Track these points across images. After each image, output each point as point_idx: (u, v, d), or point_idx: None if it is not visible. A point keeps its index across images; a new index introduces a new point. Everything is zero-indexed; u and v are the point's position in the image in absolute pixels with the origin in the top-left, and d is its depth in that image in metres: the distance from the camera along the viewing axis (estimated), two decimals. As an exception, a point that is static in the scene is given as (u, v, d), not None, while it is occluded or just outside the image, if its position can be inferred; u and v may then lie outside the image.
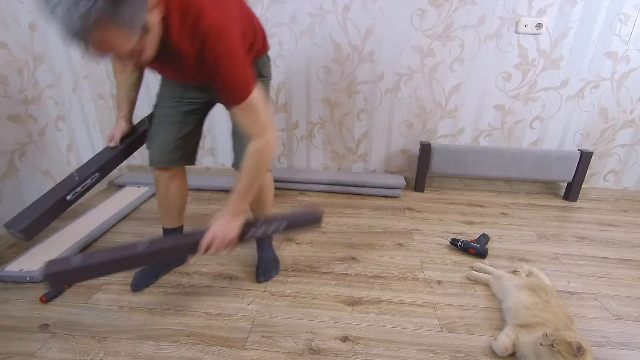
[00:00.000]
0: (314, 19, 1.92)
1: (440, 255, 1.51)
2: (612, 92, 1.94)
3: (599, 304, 1.24)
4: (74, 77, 1.89)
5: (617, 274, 1.41)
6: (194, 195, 2.08)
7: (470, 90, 2.01)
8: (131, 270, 1.20)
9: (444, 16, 1.86)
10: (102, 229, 1.63)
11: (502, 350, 0.99)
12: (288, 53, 2.00)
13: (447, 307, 1.21)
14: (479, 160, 2.07)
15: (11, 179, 1.55)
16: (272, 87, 2.09)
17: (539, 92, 1.98)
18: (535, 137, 2.09)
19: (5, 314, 1.14)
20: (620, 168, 2.11)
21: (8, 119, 1.52)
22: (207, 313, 1.15)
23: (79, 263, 0.90)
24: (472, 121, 2.09)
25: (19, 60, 1.57)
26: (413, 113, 2.09)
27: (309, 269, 1.40)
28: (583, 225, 1.82)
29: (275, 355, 1.00)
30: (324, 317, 1.15)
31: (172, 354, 1.00)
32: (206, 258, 1.44)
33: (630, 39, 1.82)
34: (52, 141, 1.76)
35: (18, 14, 1.55)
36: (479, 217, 1.87)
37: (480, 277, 1.33)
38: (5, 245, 1.52)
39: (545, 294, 1.11)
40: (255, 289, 1.28)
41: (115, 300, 1.20)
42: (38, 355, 0.99)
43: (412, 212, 1.91)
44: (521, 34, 1.86)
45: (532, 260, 1.49)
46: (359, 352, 1.01)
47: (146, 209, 1.90)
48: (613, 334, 1.11)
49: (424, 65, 1.98)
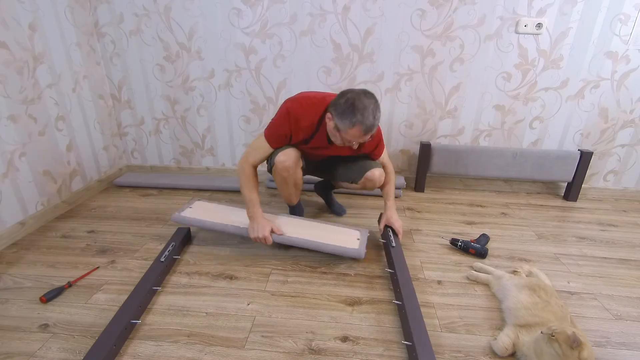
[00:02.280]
0: (314, 19, 1.92)
1: (440, 255, 1.51)
2: (612, 92, 1.94)
3: (599, 304, 1.24)
4: (74, 77, 1.89)
5: (617, 274, 1.41)
6: (193, 195, 2.08)
7: (470, 90, 2.01)
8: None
9: (444, 16, 1.86)
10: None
11: (502, 350, 0.99)
12: (288, 53, 2.00)
13: (447, 307, 1.21)
14: (479, 160, 2.07)
15: (11, 179, 1.55)
16: (272, 86, 2.09)
17: (539, 92, 1.98)
18: (535, 137, 2.09)
19: (5, 314, 1.14)
20: (620, 168, 2.11)
21: (8, 119, 1.52)
22: (207, 313, 1.15)
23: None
24: (472, 121, 2.09)
25: (19, 60, 1.57)
26: (413, 113, 2.09)
27: (309, 269, 1.40)
28: (583, 225, 1.82)
29: (275, 355, 1.00)
30: (324, 317, 1.15)
31: (172, 354, 1.00)
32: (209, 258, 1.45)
33: (630, 39, 1.82)
34: (52, 141, 1.76)
35: (18, 14, 1.55)
36: (479, 217, 1.87)
37: (480, 277, 1.33)
38: (5, 245, 1.52)
39: (545, 294, 1.11)
40: (255, 289, 1.28)
41: (115, 300, 1.20)
42: (38, 355, 0.99)
43: (412, 212, 1.91)
44: (521, 34, 1.86)
45: (532, 260, 1.49)
46: (359, 352, 1.01)
47: (146, 208, 1.90)
48: (613, 334, 1.11)
49: (424, 65, 1.98)
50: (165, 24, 1.99)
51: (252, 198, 1.40)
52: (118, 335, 0.99)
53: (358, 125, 1.19)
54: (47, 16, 1.70)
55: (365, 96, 1.20)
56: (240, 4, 1.92)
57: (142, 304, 1.14)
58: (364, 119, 1.18)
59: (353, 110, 1.18)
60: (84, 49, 1.96)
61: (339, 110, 1.22)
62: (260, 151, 1.43)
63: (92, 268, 1.37)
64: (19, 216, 1.59)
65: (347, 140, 1.28)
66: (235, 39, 1.99)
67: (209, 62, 2.06)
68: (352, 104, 1.18)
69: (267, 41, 1.99)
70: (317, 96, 1.38)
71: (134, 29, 2.02)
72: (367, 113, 1.18)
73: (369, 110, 1.18)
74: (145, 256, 1.46)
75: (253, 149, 1.44)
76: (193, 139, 2.28)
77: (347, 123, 1.20)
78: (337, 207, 1.86)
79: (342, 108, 1.21)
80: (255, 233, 1.38)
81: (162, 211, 1.87)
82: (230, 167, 2.34)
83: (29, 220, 1.63)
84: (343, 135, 1.26)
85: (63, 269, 1.37)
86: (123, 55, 2.08)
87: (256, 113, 2.17)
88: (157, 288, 1.25)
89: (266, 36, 1.97)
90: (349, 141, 1.29)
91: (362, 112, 1.18)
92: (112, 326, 1.02)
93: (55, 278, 1.31)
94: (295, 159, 1.41)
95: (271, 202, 2.00)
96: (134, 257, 1.45)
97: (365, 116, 1.18)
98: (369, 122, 1.19)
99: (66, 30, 1.82)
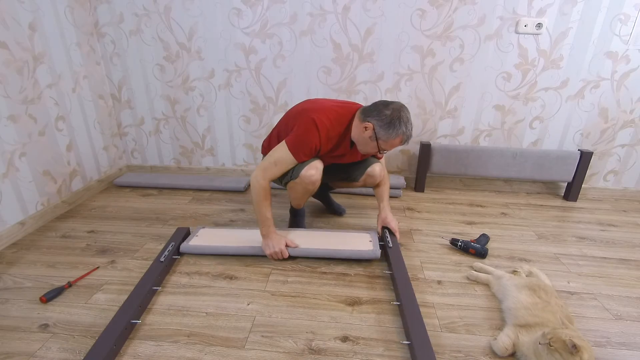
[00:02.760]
0: (314, 19, 1.92)
1: (440, 255, 1.51)
2: (612, 92, 1.94)
3: (599, 304, 1.24)
4: (74, 77, 1.89)
5: (617, 274, 1.41)
6: (193, 195, 2.08)
7: (470, 90, 2.01)
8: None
9: (444, 16, 1.86)
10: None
11: (502, 350, 0.99)
12: (288, 53, 2.00)
13: (447, 307, 1.21)
14: (479, 160, 2.07)
15: (11, 179, 1.55)
16: (272, 86, 2.09)
17: (539, 92, 1.98)
18: (535, 137, 2.09)
19: (5, 314, 1.14)
20: (620, 168, 2.11)
21: (8, 119, 1.52)
22: (207, 313, 1.15)
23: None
24: (472, 121, 2.09)
25: (19, 60, 1.57)
26: (413, 113, 2.09)
27: (309, 269, 1.40)
28: (583, 225, 1.82)
29: (275, 355, 1.00)
30: (324, 317, 1.15)
31: (172, 354, 1.00)
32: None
33: (630, 39, 1.82)
34: (52, 141, 1.76)
35: (18, 14, 1.55)
36: (479, 217, 1.87)
37: (480, 277, 1.33)
38: (5, 245, 1.52)
39: (545, 294, 1.11)
40: (255, 289, 1.28)
41: (115, 300, 1.20)
42: (38, 355, 0.99)
43: (412, 212, 1.91)
44: (521, 34, 1.86)
45: (532, 260, 1.49)
46: (359, 352, 1.01)
47: (146, 208, 1.90)
48: (613, 334, 1.11)
49: (424, 65, 1.98)
50: (165, 24, 1.99)
51: (268, 217, 1.38)
52: (118, 335, 0.99)
53: (401, 136, 1.31)
54: (47, 16, 1.70)
55: (406, 110, 1.32)
56: (240, 4, 1.92)
57: (142, 303, 1.14)
58: (407, 130, 1.31)
59: (399, 122, 1.28)
60: (84, 49, 1.96)
61: (385, 121, 1.29)
62: (282, 166, 1.36)
63: (92, 268, 1.37)
64: (19, 216, 1.59)
65: (382, 148, 1.35)
66: (235, 39, 1.99)
67: (209, 62, 2.06)
68: (399, 116, 1.28)
69: (267, 41, 1.99)
70: (337, 104, 1.40)
71: (134, 29, 2.02)
72: (409, 125, 1.31)
73: (409, 122, 1.31)
74: (145, 256, 1.46)
75: (272, 163, 1.35)
76: (193, 139, 2.28)
77: (392, 134, 1.29)
78: (336, 207, 1.87)
79: (388, 119, 1.28)
80: (271, 249, 1.39)
81: (162, 211, 1.87)
82: (230, 167, 2.34)
83: (29, 220, 1.63)
84: (381, 144, 1.33)
85: (63, 269, 1.37)
86: (123, 55, 2.08)
87: (256, 113, 2.17)
88: (157, 288, 1.25)
89: (266, 36, 1.97)
90: (383, 149, 1.35)
91: (406, 125, 1.30)
92: (112, 326, 1.02)
93: (55, 278, 1.31)
94: (321, 172, 1.41)
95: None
96: (134, 257, 1.45)
97: (408, 128, 1.31)
98: (409, 134, 1.32)
99: (66, 30, 1.82)
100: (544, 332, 0.92)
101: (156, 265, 1.31)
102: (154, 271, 1.27)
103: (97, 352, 0.93)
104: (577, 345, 0.84)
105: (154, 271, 1.27)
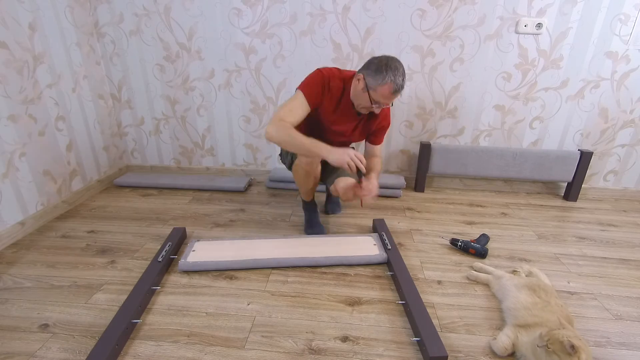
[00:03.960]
0: (314, 19, 1.92)
1: (440, 255, 1.51)
2: (612, 92, 1.94)
3: (599, 304, 1.24)
4: (74, 77, 1.89)
5: (617, 274, 1.41)
6: (193, 195, 2.08)
7: (470, 90, 2.01)
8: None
9: (444, 16, 1.86)
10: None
11: (502, 350, 0.99)
12: (288, 53, 2.00)
13: (447, 307, 1.21)
14: (479, 160, 2.07)
15: (11, 178, 1.55)
16: (272, 86, 2.09)
17: (539, 92, 1.98)
18: (535, 137, 2.09)
19: (5, 314, 1.14)
20: (620, 168, 2.11)
21: (8, 119, 1.52)
22: (207, 313, 1.15)
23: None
24: (472, 121, 2.09)
25: (19, 60, 1.57)
26: (413, 113, 2.09)
27: (309, 268, 1.40)
28: (583, 225, 1.82)
29: (275, 355, 1.00)
30: (324, 317, 1.15)
31: (172, 354, 1.00)
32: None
33: (630, 39, 1.82)
34: (52, 141, 1.76)
35: (18, 14, 1.55)
36: (479, 217, 1.87)
37: (480, 277, 1.33)
38: (5, 245, 1.52)
39: (544, 294, 1.11)
40: (255, 289, 1.28)
41: (115, 300, 1.20)
42: (38, 355, 0.99)
43: (412, 212, 1.91)
44: (521, 34, 1.86)
45: (532, 260, 1.49)
46: (359, 352, 1.01)
47: (146, 208, 1.90)
48: (613, 334, 1.11)
49: (423, 65, 1.98)
50: (165, 24, 1.99)
51: (311, 139, 1.28)
52: (120, 335, 0.99)
53: (390, 83, 1.27)
54: (47, 16, 1.70)
55: (397, 61, 1.30)
56: (240, 4, 1.92)
57: (142, 303, 1.14)
58: (396, 78, 1.27)
59: (387, 68, 1.27)
60: (84, 49, 1.96)
61: (372, 68, 1.29)
62: (297, 110, 1.33)
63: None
64: (19, 216, 1.59)
65: (375, 100, 1.32)
66: (235, 39, 1.99)
67: (209, 62, 2.06)
68: (386, 63, 1.28)
69: (267, 41, 1.99)
70: (335, 69, 1.44)
71: (134, 29, 2.02)
72: (398, 73, 1.28)
73: (400, 71, 1.28)
74: (145, 256, 1.46)
75: (287, 111, 1.31)
76: (193, 139, 2.28)
77: (379, 79, 1.27)
78: (331, 205, 1.87)
79: (375, 66, 1.29)
80: (346, 157, 1.25)
81: (162, 211, 1.87)
82: (230, 167, 2.34)
83: (28, 220, 1.63)
84: (372, 94, 1.31)
85: (63, 269, 1.37)
86: (123, 55, 2.08)
87: (256, 113, 2.17)
88: (156, 288, 1.25)
89: (266, 36, 1.97)
90: (375, 102, 1.33)
91: (394, 72, 1.27)
92: (113, 326, 1.02)
93: (56, 278, 1.31)
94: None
95: (271, 202, 2.00)
96: (134, 257, 1.45)
97: (396, 76, 1.27)
98: (399, 82, 1.28)
99: (66, 30, 1.82)
100: (540, 333, 0.91)
101: (154, 266, 1.31)
102: (152, 271, 1.28)
103: (99, 351, 0.93)
104: (574, 346, 0.83)
105: (152, 271, 1.28)
